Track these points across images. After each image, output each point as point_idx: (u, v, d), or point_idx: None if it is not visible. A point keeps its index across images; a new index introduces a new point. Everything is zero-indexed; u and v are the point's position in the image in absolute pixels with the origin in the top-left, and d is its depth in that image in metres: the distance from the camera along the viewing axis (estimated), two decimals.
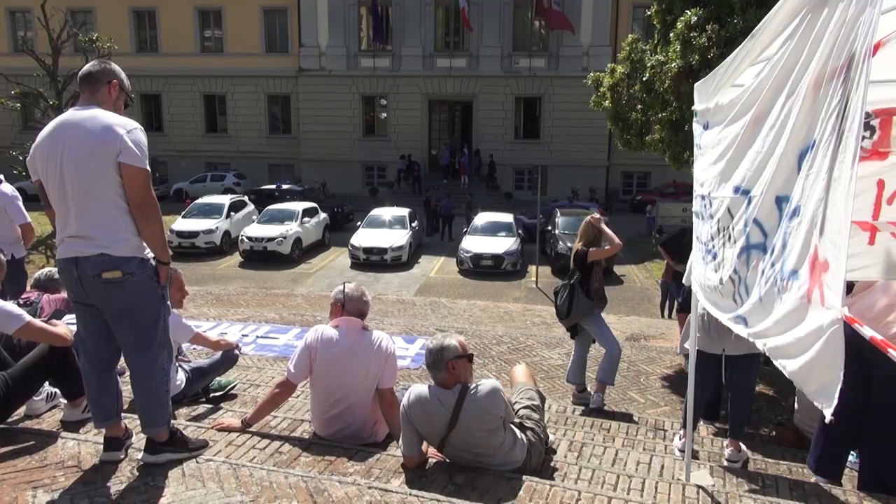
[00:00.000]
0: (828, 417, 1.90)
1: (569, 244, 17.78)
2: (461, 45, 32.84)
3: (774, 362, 2.26)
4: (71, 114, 3.20)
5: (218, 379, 5.28)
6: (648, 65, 9.55)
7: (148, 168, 3.16)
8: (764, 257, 2.43)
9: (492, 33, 31.91)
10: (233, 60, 33.90)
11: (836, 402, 1.88)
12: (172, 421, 3.51)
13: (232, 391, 5.39)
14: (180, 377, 4.85)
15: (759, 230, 2.50)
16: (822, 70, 2.03)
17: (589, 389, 6.61)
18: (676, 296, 7.90)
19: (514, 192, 31.63)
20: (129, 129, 3.12)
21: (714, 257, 2.99)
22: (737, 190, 2.66)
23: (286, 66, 33.59)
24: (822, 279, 1.93)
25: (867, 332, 1.88)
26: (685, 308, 5.49)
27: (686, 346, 4.58)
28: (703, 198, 3.24)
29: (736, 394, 4.74)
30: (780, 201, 2.32)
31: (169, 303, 3.46)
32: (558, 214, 20.75)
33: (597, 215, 6.50)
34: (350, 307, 4.02)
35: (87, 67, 3.30)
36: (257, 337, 9.26)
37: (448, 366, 3.47)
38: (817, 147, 2.02)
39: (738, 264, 2.69)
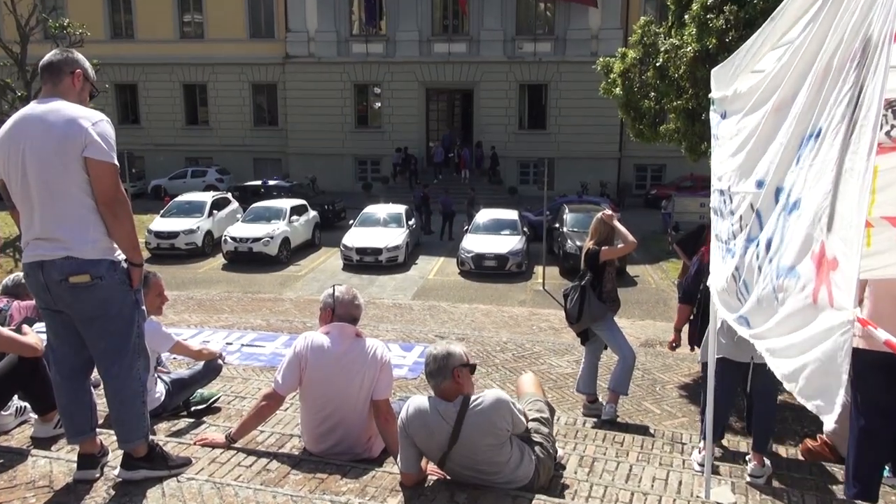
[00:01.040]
0: (830, 424, 1.90)
1: (578, 243, 17.78)
2: (460, 28, 32.86)
3: (769, 364, 2.27)
4: (32, 107, 3.19)
5: (200, 391, 5.28)
6: (662, 49, 9.56)
7: (116, 162, 3.15)
8: (758, 252, 2.44)
9: (493, 16, 31.92)
10: (214, 47, 33.91)
11: (837, 408, 1.88)
12: (151, 436, 3.51)
13: (215, 404, 5.39)
14: (159, 389, 4.85)
15: (758, 222, 2.51)
16: (835, 55, 2.03)
17: (601, 400, 6.61)
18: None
19: (518, 187, 31.64)
20: (94, 120, 3.11)
21: (733, 256, 2.99)
22: (760, 184, 2.66)
23: (272, 52, 33.59)
24: (830, 278, 1.92)
25: (881, 334, 1.88)
26: (687, 299, 5.59)
27: (708, 353, 4.58)
28: (721, 193, 3.24)
29: (760, 404, 4.74)
30: (779, 192, 2.33)
31: (144, 308, 3.45)
32: (566, 211, 20.76)
33: (608, 211, 6.50)
34: (341, 312, 4.01)
35: (47, 57, 3.29)
36: (242, 345, 9.26)
37: (453, 373, 3.47)
38: (823, 136, 2.02)
39: (738, 260, 2.71)
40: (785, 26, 2.50)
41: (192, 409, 5.16)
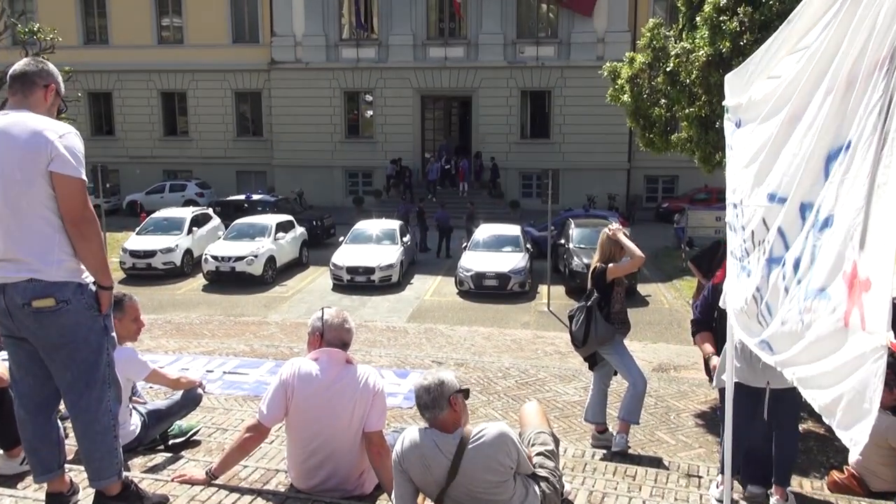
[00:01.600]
0: (853, 457, 1.91)
1: (585, 260, 17.78)
2: (457, 31, 33.09)
3: (803, 395, 2.26)
4: None
5: (178, 423, 5.25)
6: (673, 53, 9.64)
7: (84, 177, 3.15)
8: (783, 272, 2.44)
9: (492, 18, 32.17)
10: (195, 53, 34.09)
11: (866, 438, 1.88)
12: (125, 473, 3.48)
13: (195, 437, 5.36)
14: (134, 421, 4.82)
15: (782, 241, 2.51)
16: (859, 62, 2.04)
17: (611, 430, 6.59)
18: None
19: (520, 201, 31.71)
20: (61, 133, 3.11)
21: (749, 275, 3.00)
22: (772, 197, 2.68)
23: (256, 58, 33.78)
24: (862, 300, 1.92)
25: None
26: (702, 327, 5.38)
27: (723, 378, 4.58)
28: (735, 206, 3.26)
29: (780, 433, 4.73)
30: (805, 209, 2.33)
31: (114, 334, 3.43)
32: (572, 226, 20.79)
33: (615, 226, 6.51)
34: (330, 336, 4.00)
35: (20, 66, 3.30)
36: (224, 373, 9.22)
37: (450, 402, 3.46)
38: (854, 148, 2.03)
39: (760, 281, 2.71)
40: (802, 30, 2.53)
41: (170, 442, 5.13)
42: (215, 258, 19.74)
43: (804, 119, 2.41)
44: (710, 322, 5.21)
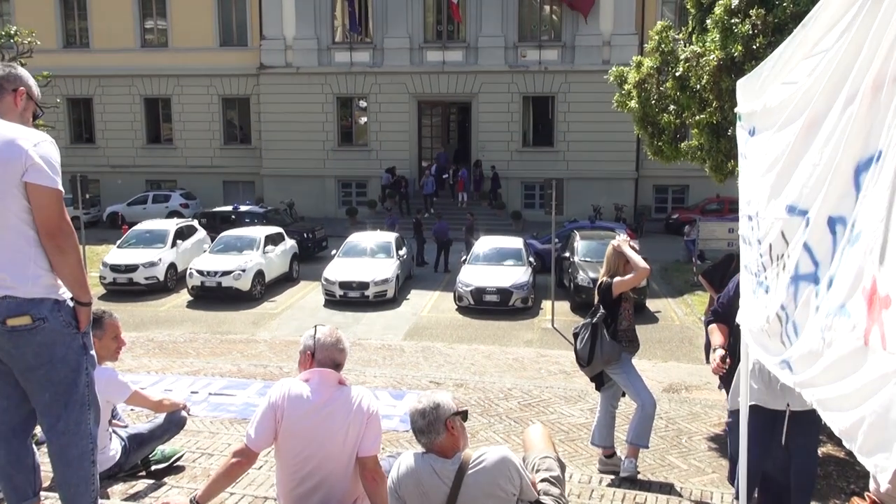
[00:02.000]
0: (883, 486, 1.89)
1: (591, 274, 17.78)
2: (456, 34, 33.24)
3: (823, 417, 2.26)
4: None
5: (161, 448, 5.23)
6: (682, 57, 9.68)
7: (60, 188, 3.15)
8: (816, 290, 2.43)
9: (493, 20, 32.33)
10: (180, 56, 34.21)
11: (894, 465, 1.87)
12: (104, 501, 3.46)
13: (178, 462, 5.33)
14: (114, 446, 4.80)
15: (810, 257, 2.50)
16: (885, 67, 2.04)
17: (619, 454, 6.57)
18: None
19: (522, 212, 31.76)
20: (35, 141, 3.11)
21: (766, 291, 3.00)
22: (792, 210, 2.68)
23: (245, 62, 33.90)
24: (882, 318, 1.91)
25: None
26: (720, 316, 5.32)
27: (738, 400, 4.57)
28: (750, 218, 3.26)
29: (798, 457, 4.71)
30: (834, 223, 2.33)
31: (93, 353, 3.42)
32: (578, 238, 20.82)
33: (623, 238, 6.52)
34: (322, 356, 3.99)
35: None
36: (210, 394, 9.21)
37: (447, 425, 3.44)
38: (883, 158, 2.03)
39: (785, 299, 2.70)
40: (819, 33, 2.54)
41: (152, 468, 5.11)
42: (201, 273, 19.72)
43: (824, 127, 2.41)
44: (729, 317, 5.14)
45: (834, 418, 2.18)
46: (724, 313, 5.23)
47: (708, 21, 9.19)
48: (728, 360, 4.87)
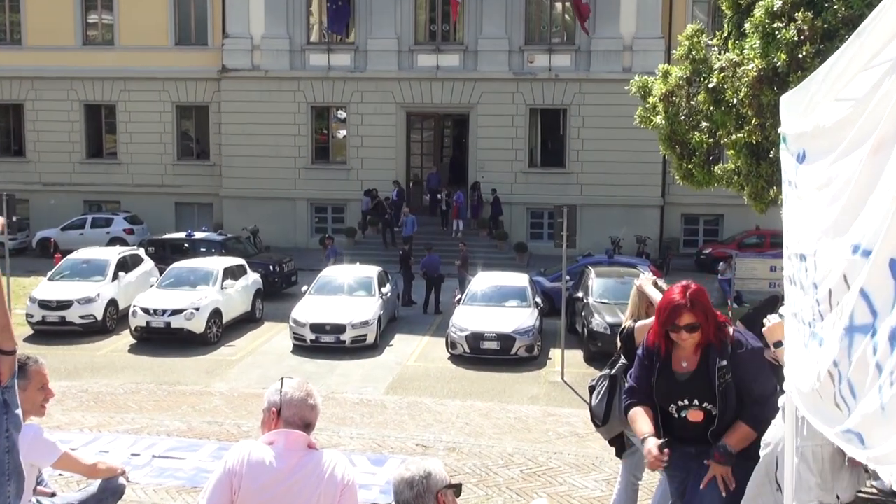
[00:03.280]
0: None
1: (608, 318, 17.74)
2: (452, 35, 33.54)
3: None
4: None
5: None
6: (716, 66, 9.80)
7: None
8: (874, 344, 2.42)
9: (495, 19, 32.64)
10: (128, 56, 34.39)
11: None
12: None
13: None
14: None
15: (867, 305, 2.49)
16: None
17: None
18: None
19: (528, 243, 31.82)
20: None
21: (821, 344, 2.98)
22: (856, 250, 2.67)
23: (204, 64, 34.10)
24: None
25: None
26: (637, 394, 5.06)
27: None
28: (801, 258, 3.25)
29: None
30: (895, 265, 2.33)
31: (18, 412, 3.38)
32: (593, 275, 20.82)
33: (647, 276, 6.52)
34: (290, 414, 3.97)
35: None
36: (154, 457, 9.14)
37: (437, 499, 3.42)
38: None
39: (838, 353, 2.69)
40: (878, 43, 2.55)
41: None
42: (146, 311, 19.60)
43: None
44: (648, 392, 5.04)
45: None
46: (641, 389, 5.08)
47: (746, 25, 9.32)
48: (667, 449, 4.64)
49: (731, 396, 4.76)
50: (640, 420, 4.95)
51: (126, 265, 22.62)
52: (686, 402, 4.88)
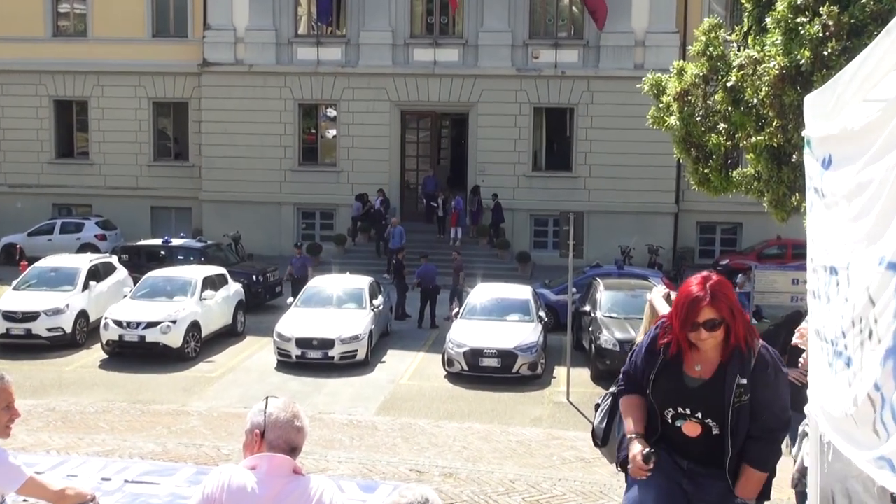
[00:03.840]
0: None
1: (617, 334, 17.74)
2: (451, 28, 33.59)
3: None
4: None
5: None
6: (735, 63, 9.82)
7: None
8: None
9: (497, 11, 32.65)
10: (101, 49, 34.37)
11: None
12: None
13: None
14: None
15: None
16: None
17: None
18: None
19: (531, 253, 31.79)
20: None
21: (848, 364, 2.98)
22: (881, 261, 2.67)
23: (183, 57, 34.10)
24: None
25: None
26: (632, 381, 4.83)
27: None
28: (829, 271, 3.25)
29: None
30: None
31: None
32: (601, 288, 20.81)
33: (661, 289, 6.51)
34: (274, 437, 3.95)
35: None
36: (126, 482, 9.09)
37: None
38: None
39: (881, 376, 2.68)
40: None
41: None
42: (119, 324, 19.56)
43: None
44: (644, 386, 4.74)
45: None
46: (636, 379, 4.82)
47: (768, 19, 9.34)
48: (653, 459, 4.43)
49: (745, 421, 4.41)
50: (631, 413, 4.72)
51: (98, 274, 22.59)
52: (688, 411, 4.50)
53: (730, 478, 4.47)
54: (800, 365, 4.96)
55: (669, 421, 4.57)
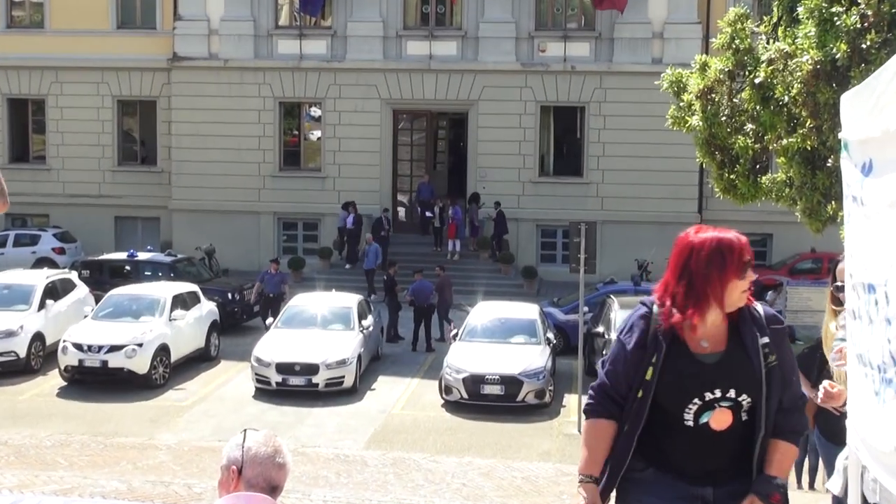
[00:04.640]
0: None
1: None
2: (448, 19, 33.67)
3: None
4: None
5: None
6: (764, 58, 9.85)
7: None
8: None
9: (500, 0, 32.72)
10: (60, 42, 34.39)
11: None
12: None
13: None
14: None
15: None
16: None
17: None
18: (825, 456, 7.76)
19: (538, 268, 31.81)
20: None
21: None
22: None
23: (151, 51, 34.14)
24: None
25: None
26: (606, 403, 4.19)
27: None
28: (868, 289, 3.25)
29: None
30: None
31: None
32: (615, 306, 20.80)
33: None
34: (254, 474, 3.95)
35: None
36: None
37: None
38: None
39: None
40: None
41: None
42: (79, 347, 19.53)
43: None
44: (623, 398, 4.51)
45: None
46: (615, 389, 4.25)
47: (800, 9, 9.37)
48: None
49: (777, 388, 3.99)
50: (597, 444, 4.12)
51: (55, 292, 22.59)
52: (717, 393, 3.97)
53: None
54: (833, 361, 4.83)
55: (692, 421, 4.02)
